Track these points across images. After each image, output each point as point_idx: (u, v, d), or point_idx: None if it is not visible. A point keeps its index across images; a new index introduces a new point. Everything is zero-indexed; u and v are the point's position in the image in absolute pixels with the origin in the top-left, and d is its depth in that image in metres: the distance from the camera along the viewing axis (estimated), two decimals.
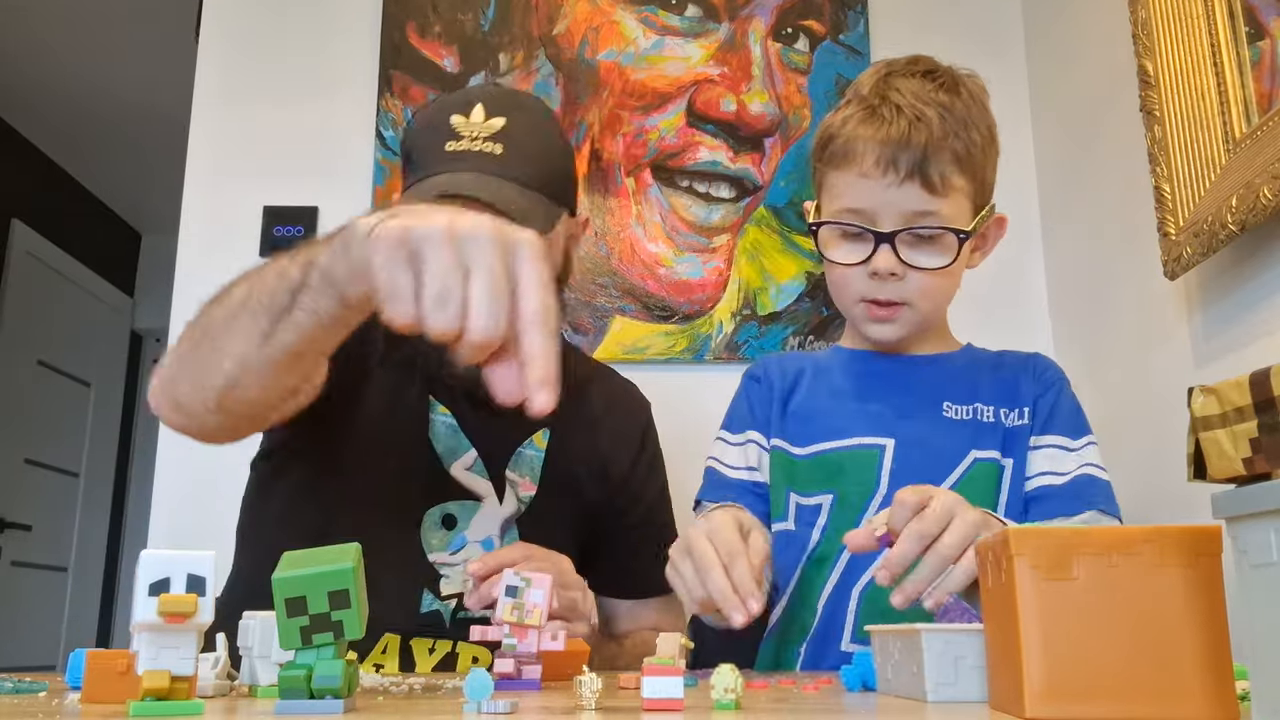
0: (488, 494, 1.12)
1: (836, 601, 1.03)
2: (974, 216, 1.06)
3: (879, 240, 1.02)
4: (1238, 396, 0.45)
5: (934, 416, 1.07)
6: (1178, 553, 0.51)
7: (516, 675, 0.70)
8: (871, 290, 1.05)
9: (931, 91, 1.04)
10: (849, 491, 1.06)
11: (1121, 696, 0.49)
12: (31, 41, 3.54)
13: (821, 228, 1.07)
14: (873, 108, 1.03)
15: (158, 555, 0.52)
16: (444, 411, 1.14)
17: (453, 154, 1.04)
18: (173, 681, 0.51)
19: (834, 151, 1.05)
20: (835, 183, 1.06)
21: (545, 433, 1.17)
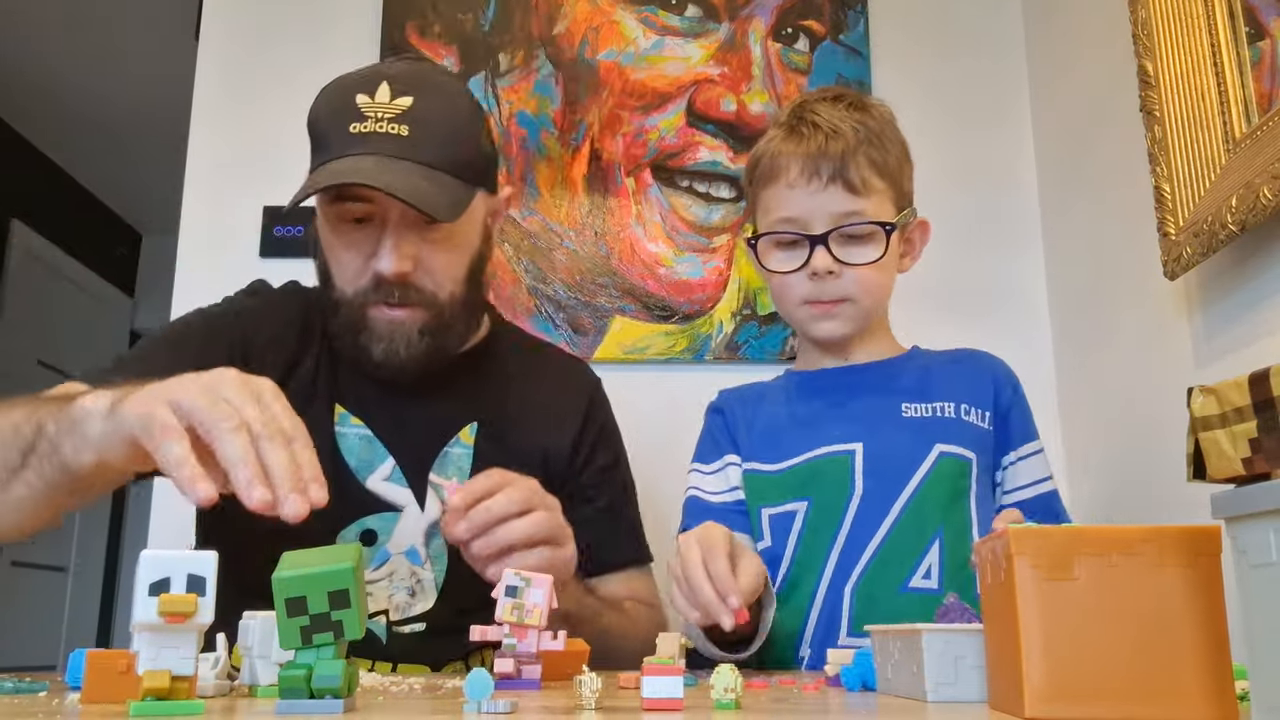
0: (407, 503, 1.08)
1: (832, 603, 1.08)
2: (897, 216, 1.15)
3: (813, 243, 1.10)
4: (1237, 397, 0.45)
5: (895, 417, 1.14)
6: (1177, 553, 0.51)
7: (516, 675, 0.71)
8: (813, 291, 1.13)
9: (844, 110, 1.14)
10: (824, 497, 1.12)
11: (1121, 696, 0.49)
12: (32, 42, 3.54)
13: (759, 241, 1.15)
14: (792, 127, 1.14)
15: (158, 555, 0.52)
16: (355, 422, 1.10)
17: (356, 135, 1.00)
18: (173, 681, 0.51)
19: (761, 171, 1.15)
20: (766, 199, 1.15)
21: (472, 428, 1.12)
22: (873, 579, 1.07)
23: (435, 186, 1.00)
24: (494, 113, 1.82)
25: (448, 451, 1.11)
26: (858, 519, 1.10)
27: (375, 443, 1.09)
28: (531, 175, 1.81)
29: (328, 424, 1.08)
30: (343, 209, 1.02)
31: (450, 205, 1.01)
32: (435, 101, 1.04)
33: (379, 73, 1.05)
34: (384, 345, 1.04)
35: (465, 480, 1.08)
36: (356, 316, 1.05)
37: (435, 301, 1.05)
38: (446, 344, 1.08)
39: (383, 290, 1.03)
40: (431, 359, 1.07)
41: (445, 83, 1.10)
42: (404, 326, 1.04)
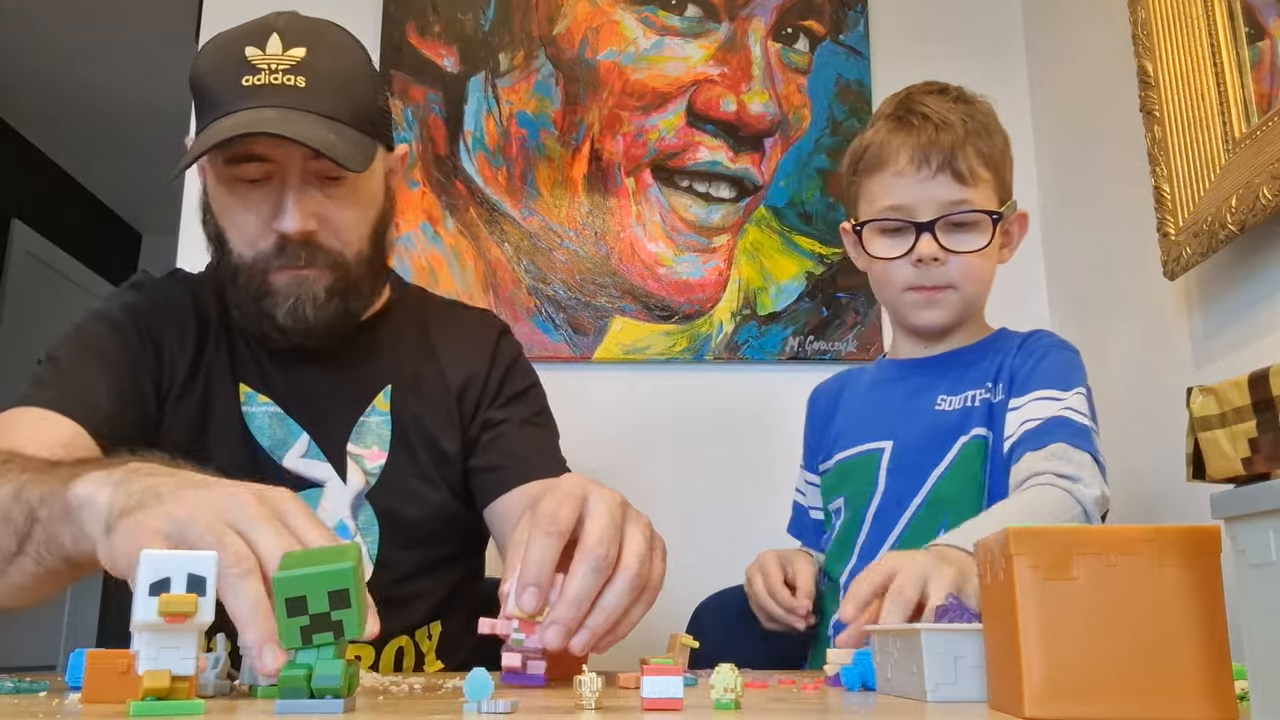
0: (328, 477, 1.05)
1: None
2: (1002, 207, 1.14)
3: (919, 230, 1.10)
4: (1237, 397, 0.45)
5: (928, 412, 1.14)
6: (1177, 553, 0.51)
7: (522, 669, 0.71)
8: (917, 278, 1.13)
9: (951, 103, 1.15)
10: (855, 493, 1.16)
11: (1121, 696, 0.49)
12: (32, 41, 3.54)
13: (865, 229, 1.15)
14: (900, 118, 1.14)
15: (158, 555, 0.52)
16: (263, 400, 1.06)
17: (250, 88, 0.95)
18: (173, 681, 0.51)
19: (868, 161, 1.15)
20: (872, 187, 1.15)
21: (386, 391, 1.09)
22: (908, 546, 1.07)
23: (340, 137, 0.95)
24: (494, 113, 1.83)
25: (364, 420, 1.08)
26: (878, 516, 1.12)
27: (286, 420, 1.06)
28: (531, 175, 1.81)
29: (234, 406, 1.05)
30: (239, 170, 0.98)
31: (358, 156, 0.96)
32: (329, 53, 1.00)
33: (266, 25, 0.99)
34: (289, 306, 1.00)
35: (386, 448, 1.06)
36: (258, 281, 1.00)
37: (342, 260, 1.02)
38: (353, 306, 1.04)
39: (287, 253, 0.99)
40: (338, 321, 1.03)
41: (336, 34, 1.05)
42: (310, 285, 1.00)
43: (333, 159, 0.94)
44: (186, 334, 1.07)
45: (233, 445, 1.04)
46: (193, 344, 1.07)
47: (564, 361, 1.74)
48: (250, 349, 1.08)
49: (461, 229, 1.78)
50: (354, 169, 0.96)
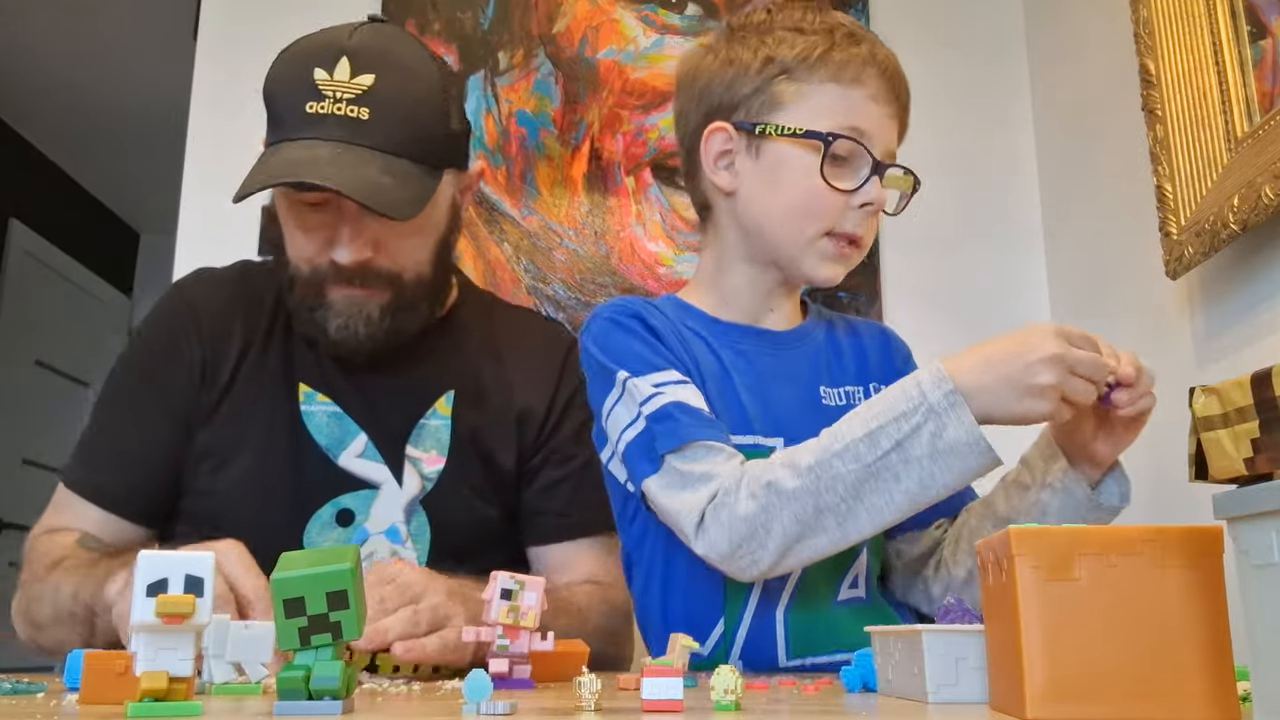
0: (384, 479, 1.05)
1: (761, 628, 0.94)
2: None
3: (878, 170, 0.95)
4: (1239, 396, 0.45)
5: (815, 405, 0.99)
6: (1179, 553, 0.50)
7: (509, 675, 0.72)
8: (848, 222, 0.96)
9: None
10: None
11: (1123, 697, 0.49)
12: (31, 41, 3.54)
13: (835, 141, 0.93)
14: (850, 33, 0.97)
15: (156, 556, 0.52)
16: (323, 400, 1.06)
17: (313, 116, 0.95)
18: (171, 682, 0.51)
19: (835, 61, 0.95)
20: (834, 95, 0.95)
21: (449, 397, 1.08)
22: (805, 597, 0.94)
23: (394, 180, 0.95)
24: (494, 112, 1.82)
25: (424, 424, 1.07)
26: None
27: (345, 419, 1.06)
28: (531, 175, 1.80)
29: (290, 405, 1.05)
30: (299, 194, 0.99)
31: (410, 201, 0.96)
32: (399, 79, 0.98)
33: (339, 45, 0.98)
34: (341, 322, 1.01)
35: (445, 453, 1.07)
36: (313, 293, 1.02)
37: (399, 283, 1.02)
38: (407, 324, 1.05)
39: (343, 273, 1.00)
40: (390, 338, 1.03)
41: (411, 56, 1.02)
42: (364, 304, 1.01)
43: (378, 212, 0.94)
44: (232, 330, 1.08)
45: (284, 442, 1.05)
46: (239, 340, 1.08)
47: None
48: (313, 349, 1.08)
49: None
50: (401, 219, 0.95)
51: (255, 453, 1.04)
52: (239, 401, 1.06)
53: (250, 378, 1.07)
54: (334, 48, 0.98)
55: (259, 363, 1.07)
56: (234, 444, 1.05)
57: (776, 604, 0.95)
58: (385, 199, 0.94)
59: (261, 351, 1.08)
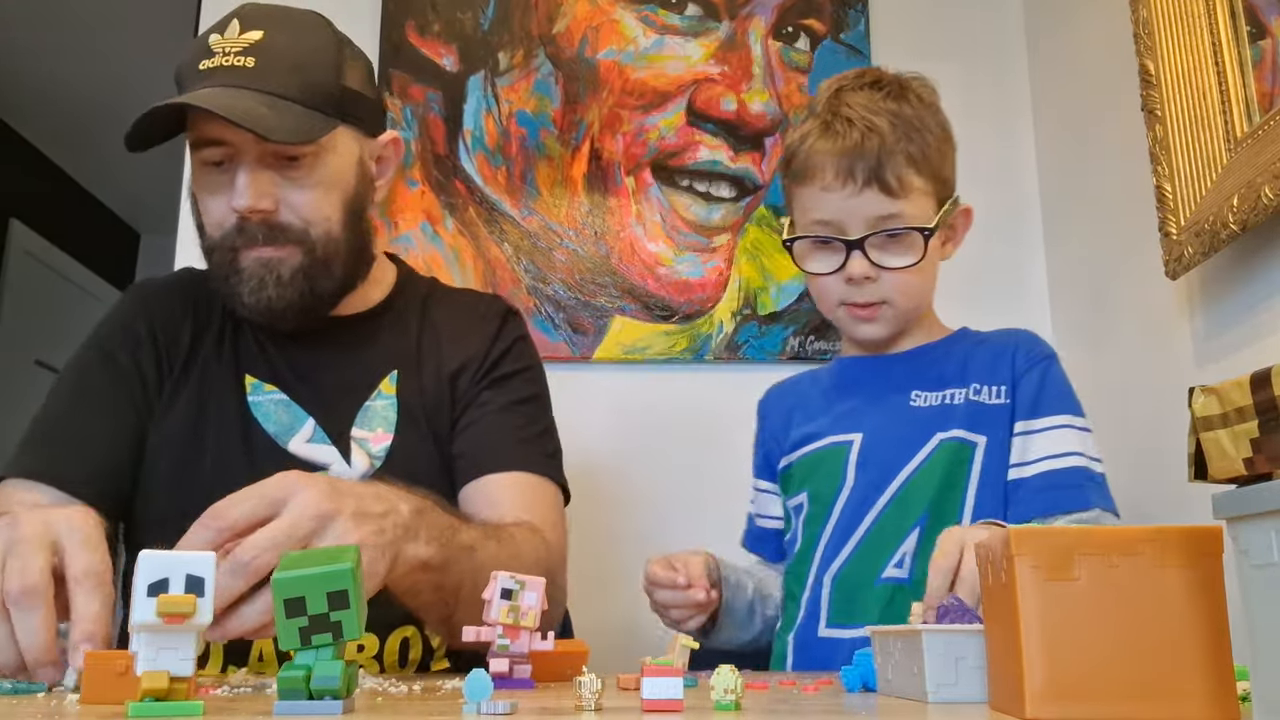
0: (332, 460, 1.05)
1: (815, 593, 1.09)
2: (937, 212, 1.10)
3: (849, 247, 1.07)
4: (1238, 397, 0.45)
5: (901, 406, 1.12)
6: (1179, 553, 0.50)
7: (509, 674, 0.72)
8: (850, 294, 1.10)
9: (880, 100, 1.09)
10: (820, 488, 1.13)
11: (1122, 697, 0.49)
12: (31, 41, 3.54)
13: (796, 243, 1.12)
14: (827, 123, 1.09)
15: (157, 556, 0.52)
16: (269, 389, 1.08)
17: (204, 71, 0.99)
18: (171, 682, 0.51)
19: (796, 169, 1.11)
20: (802, 198, 1.12)
21: (393, 376, 1.10)
22: (852, 570, 1.07)
23: (275, 112, 0.97)
24: (494, 112, 1.82)
25: (369, 405, 1.09)
26: (845, 510, 1.09)
27: (293, 406, 1.07)
28: (531, 175, 1.80)
29: (238, 397, 1.07)
30: (203, 154, 1.02)
31: (289, 129, 0.98)
32: (288, 34, 1.02)
33: (233, 13, 1.03)
34: (253, 285, 1.02)
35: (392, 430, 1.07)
36: (226, 260, 1.03)
37: (307, 238, 1.03)
38: (321, 285, 1.05)
39: (247, 232, 1.01)
40: (305, 302, 1.04)
41: (305, 19, 1.06)
42: (274, 266, 1.02)
43: (252, 130, 0.95)
44: (182, 328, 1.11)
45: (233, 434, 1.06)
46: (188, 337, 1.10)
47: (564, 361, 1.73)
48: (257, 339, 1.11)
49: (461, 228, 1.78)
50: (277, 140, 0.97)
51: (212, 448, 1.06)
52: (192, 397, 1.08)
53: (201, 375, 1.09)
54: (228, 16, 1.03)
55: (208, 359, 1.09)
56: (191, 440, 1.06)
57: (826, 571, 1.08)
58: (261, 122, 0.95)
59: (210, 347, 1.10)
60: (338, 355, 1.10)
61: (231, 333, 1.11)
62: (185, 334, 1.10)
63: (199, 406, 1.07)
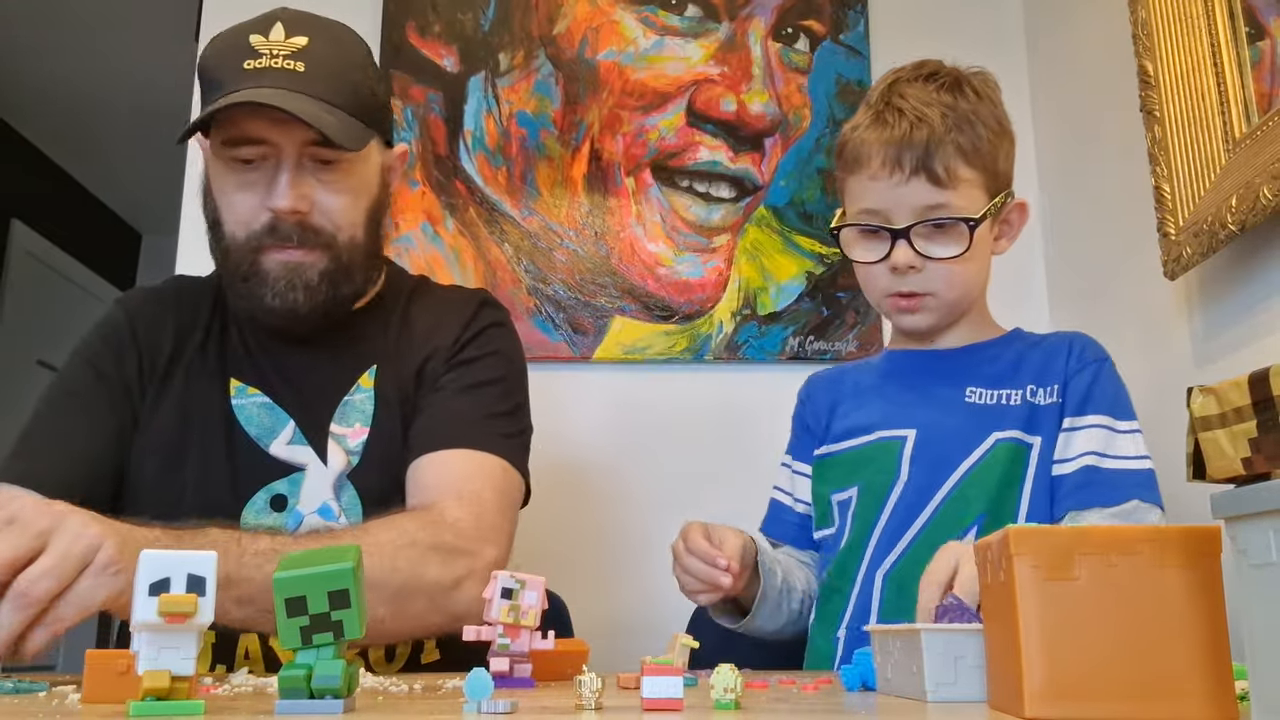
0: (308, 460, 1.06)
1: (866, 589, 1.08)
2: (988, 204, 1.09)
3: (894, 236, 1.07)
4: (1237, 397, 0.45)
5: (957, 402, 1.11)
6: (1177, 553, 0.51)
7: (509, 674, 0.72)
8: (895, 284, 1.10)
9: (934, 93, 1.09)
10: (872, 481, 1.12)
11: (1121, 696, 0.49)
12: (31, 41, 3.54)
13: (843, 231, 1.13)
14: (879, 113, 1.09)
15: (158, 555, 0.52)
16: (253, 392, 1.09)
17: (251, 71, 0.99)
18: (173, 681, 0.51)
19: (846, 158, 1.12)
20: (851, 187, 1.12)
21: (372, 370, 1.11)
22: (906, 566, 1.05)
23: (335, 118, 0.99)
24: (494, 112, 1.82)
25: (348, 400, 1.09)
26: (900, 505, 1.08)
27: (275, 409, 1.08)
28: (531, 175, 1.81)
29: (222, 400, 1.07)
30: (237, 151, 1.01)
31: (349, 136, 1.00)
32: (331, 43, 1.04)
33: (272, 16, 1.04)
34: (279, 288, 1.02)
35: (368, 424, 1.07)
36: (247, 261, 1.03)
37: (334, 244, 1.04)
38: (344, 291, 1.07)
39: (279, 231, 1.02)
40: (328, 306, 1.05)
41: (339, 29, 1.09)
42: (303, 270, 1.03)
43: (325, 135, 0.97)
44: (165, 333, 1.12)
45: (216, 437, 1.07)
46: (170, 342, 1.11)
47: (564, 361, 1.74)
48: (244, 343, 1.11)
49: (461, 229, 1.78)
50: (347, 147, 0.99)
51: (196, 451, 1.06)
52: (177, 401, 1.08)
53: (185, 377, 1.09)
54: (268, 17, 1.04)
55: (193, 363, 1.10)
56: (176, 443, 1.06)
57: (879, 568, 1.07)
58: (330, 127, 0.98)
59: (194, 352, 1.11)
60: (323, 355, 1.11)
61: (218, 336, 1.12)
62: (168, 339, 1.11)
63: (183, 411, 1.08)
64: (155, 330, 1.12)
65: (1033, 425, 1.08)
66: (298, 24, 1.03)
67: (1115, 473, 1.04)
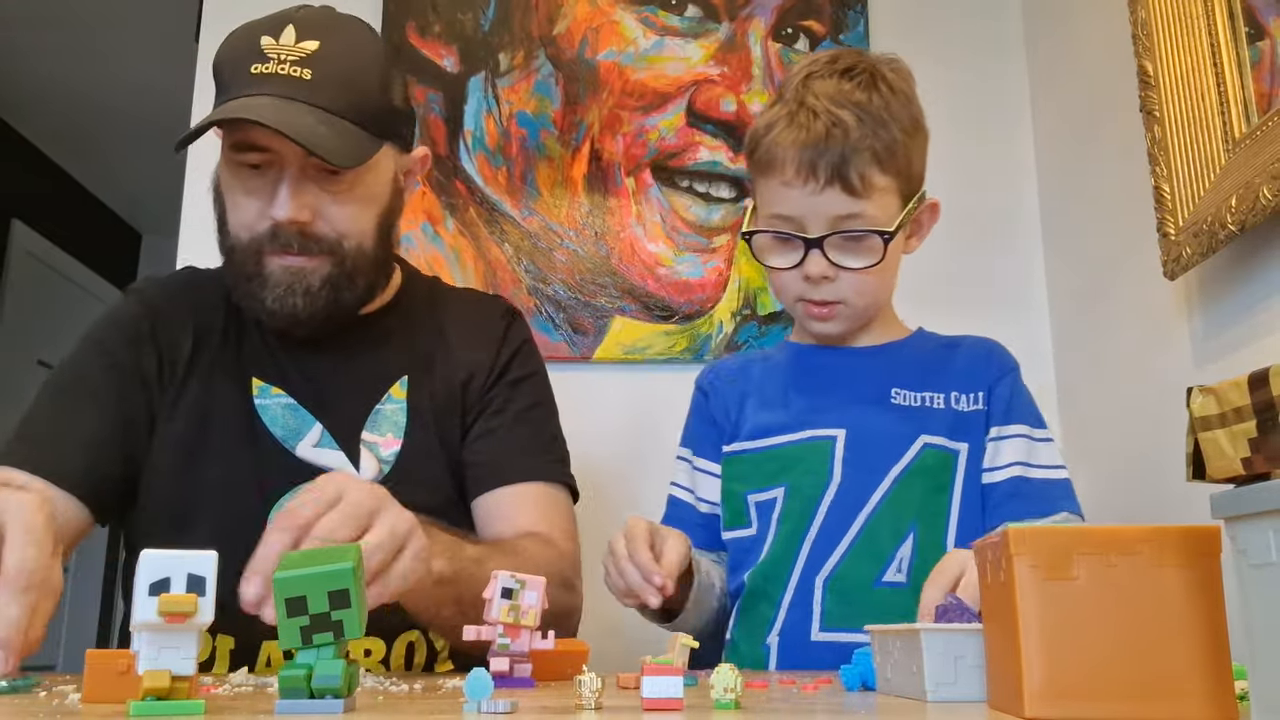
0: (341, 464, 1.05)
1: (804, 595, 1.06)
2: (902, 209, 1.08)
3: (808, 245, 1.06)
4: (1237, 397, 0.45)
5: (883, 403, 1.11)
6: (1177, 553, 0.51)
7: (509, 673, 0.72)
8: (807, 291, 1.09)
9: (849, 91, 1.06)
10: (801, 483, 1.09)
11: (1121, 696, 0.49)
12: (31, 41, 3.54)
13: (755, 235, 1.10)
14: (792, 113, 1.06)
15: (158, 555, 0.52)
16: (276, 392, 1.07)
17: (257, 76, 0.98)
18: (173, 681, 0.51)
19: (759, 159, 1.09)
20: (764, 190, 1.10)
21: (403, 381, 1.10)
22: (846, 572, 1.05)
23: (333, 132, 0.97)
24: (494, 113, 1.82)
25: (380, 409, 1.08)
26: (834, 508, 1.07)
27: (300, 410, 1.07)
28: (531, 175, 1.81)
29: (244, 399, 1.06)
30: (242, 155, 1.00)
31: (346, 151, 0.98)
32: (342, 47, 1.01)
33: (286, 16, 1.02)
34: (279, 293, 1.01)
35: (401, 435, 1.07)
36: (250, 263, 1.02)
37: (339, 250, 1.03)
38: (346, 297, 1.05)
39: (280, 238, 1.01)
40: (329, 312, 1.04)
41: (357, 30, 1.06)
42: (304, 275, 1.02)
43: (316, 154, 0.95)
44: (184, 330, 1.10)
45: (239, 437, 1.05)
46: (190, 340, 1.09)
47: (564, 361, 1.73)
48: (264, 341, 1.10)
49: (461, 229, 1.79)
50: (339, 164, 0.98)
51: (216, 449, 1.05)
52: (197, 399, 1.07)
53: (206, 375, 1.08)
54: (281, 18, 1.02)
55: (213, 360, 1.08)
56: (196, 441, 1.05)
57: (818, 573, 1.05)
58: (323, 145, 0.95)
59: (214, 349, 1.09)
60: (346, 358, 1.10)
61: (236, 333, 1.10)
62: (188, 336, 1.09)
63: (204, 408, 1.06)
64: (174, 328, 1.09)
65: (957, 431, 1.09)
66: (310, 26, 1.01)
67: (1043, 483, 1.08)
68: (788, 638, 1.05)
